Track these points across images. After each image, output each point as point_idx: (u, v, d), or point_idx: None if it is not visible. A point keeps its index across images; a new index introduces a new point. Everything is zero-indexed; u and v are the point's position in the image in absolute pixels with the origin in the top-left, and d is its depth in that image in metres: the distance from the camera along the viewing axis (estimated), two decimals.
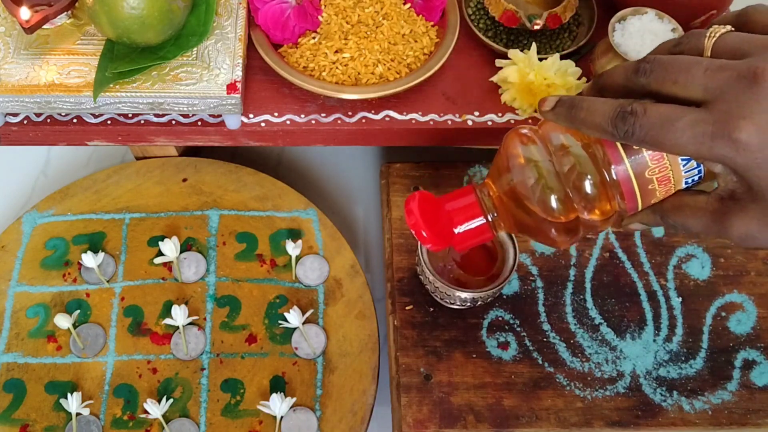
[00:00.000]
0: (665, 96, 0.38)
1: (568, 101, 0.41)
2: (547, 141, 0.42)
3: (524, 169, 0.42)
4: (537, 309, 0.61)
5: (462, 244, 0.46)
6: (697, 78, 0.37)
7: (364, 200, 0.74)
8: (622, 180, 0.40)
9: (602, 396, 0.57)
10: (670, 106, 0.37)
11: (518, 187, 0.43)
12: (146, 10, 0.53)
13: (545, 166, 0.41)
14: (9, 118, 0.60)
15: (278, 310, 0.62)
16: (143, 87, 0.56)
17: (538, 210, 0.42)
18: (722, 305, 0.61)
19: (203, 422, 0.57)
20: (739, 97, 0.35)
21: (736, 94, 0.36)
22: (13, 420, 0.57)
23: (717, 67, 0.37)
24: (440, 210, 0.45)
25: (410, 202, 0.45)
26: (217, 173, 0.68)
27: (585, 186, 0.41)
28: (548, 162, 0.42)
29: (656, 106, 0.37)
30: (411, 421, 0.56)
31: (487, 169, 0.67)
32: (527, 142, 0.43)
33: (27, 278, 0.63)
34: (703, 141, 0.36)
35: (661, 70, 0.38)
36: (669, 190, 0.41)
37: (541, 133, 0.43)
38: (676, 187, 0.41)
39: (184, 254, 0.64)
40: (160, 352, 0.60)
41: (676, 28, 0.59)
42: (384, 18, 0.62)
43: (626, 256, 0.63)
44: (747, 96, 0.35)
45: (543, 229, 0.43)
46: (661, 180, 0.40)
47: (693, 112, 0.36)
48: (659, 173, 0.40)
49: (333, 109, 0.61)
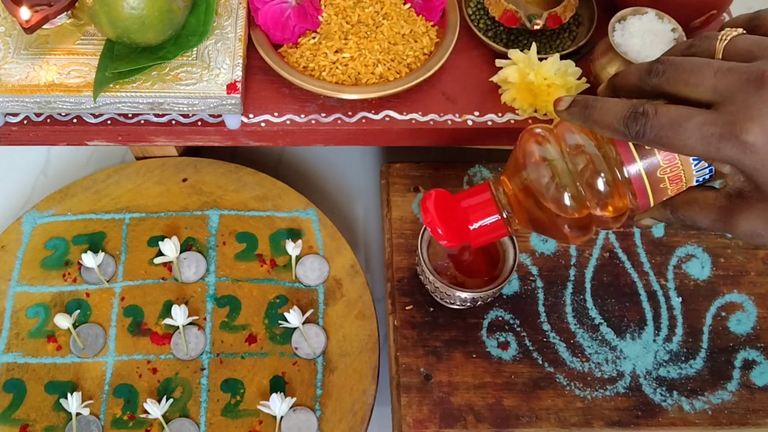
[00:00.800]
0: (676, 97, 0.39)
1: (583, 101, 0.42)
2: (562, 140, 0.43)
3: (539, 167, 0.43)
4: (537, 309, 0.61)
5: (477, 240, 0.47)
6: (707, 80, 0.37)
7: (364, 200, 0.74)
8: (635, 179, 0.41)
9: (602, 396, 0.57)
10: (680, 108, 0.38)
11: (533, 185, 0.43)
12: (146, 10, 0.53)
13: (559, 165, 0.42)
14: (9, 118, 0.60)
15: (278, 310, 0.62)
16: (143, 87, 0.56)
17: (552, 207, 0.43)
18: (722, 305, 0.61)
19: (203, 422, 0.57)
20: (747, 100, 0.36)
21: (744, 96, 0.36)
22: (13, 420, 0.57)
23: (726, 70, 0.37)
24: (456, 207, 0.46)
25: (426, 200, 0.46)
26: (217, 173, 0.68)
27: (598, 184, 0.42)
28: (562, 161, 0.43)
29: (667, 108, 0.38)
30: (411, 421, 0.56)
31: (487, 169, 0.67)
32: (542, 141, 0.44)
33: (27, 278, 0.63)
34: (711, 142, 0.36)
35: (672, 71, 0.39)
36: (680, 189, 0.42)
37: (556, 133, 0.44)
38: (687, 185, 0.42)
39: (184, 254, 0.64)
40: (160, 352, 0.60)
41: (676, 28, 0.59)
42: (384, 18, 0.62)
43: (626, 256, 0.63)
44: (755, 99, 0.36)
45: (556, 225, 0.44)
46: (672, 179, 0.41)
47: (702, 113, 0.37)
48: (671, 173, 0.41)
49: (333, 109, 0.61)
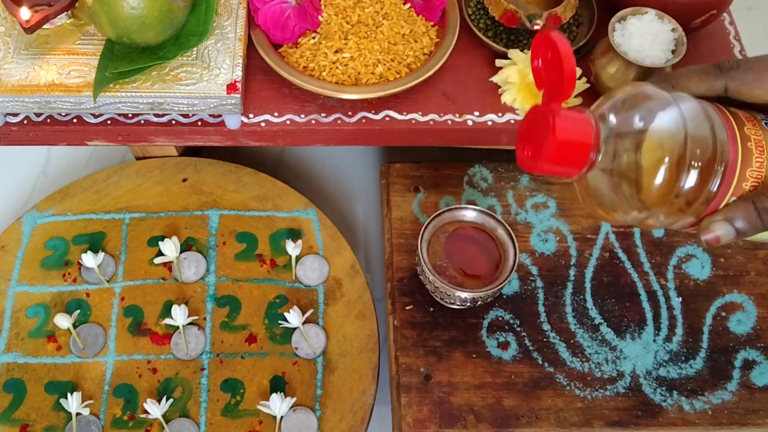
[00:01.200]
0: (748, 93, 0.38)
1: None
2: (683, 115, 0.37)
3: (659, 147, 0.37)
4: (537, 309, 0.61)
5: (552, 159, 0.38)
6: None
7: (364, 200, 0.74)
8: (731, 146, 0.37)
9: (602, 396, 0.57)
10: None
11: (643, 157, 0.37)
12: (146, 10, 0.53)
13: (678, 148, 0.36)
14: (9, 118, 0.60)
15: (278, 310, 0.62)
16: (143, 87, 0.56)
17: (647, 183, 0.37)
18: (722, 305, 0.61)
19: (203, 422, 0.57)
20: None
21: None
22: (13, 420, 0.57)
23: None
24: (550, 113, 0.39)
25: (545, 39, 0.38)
26: (217, 173, 0.68)
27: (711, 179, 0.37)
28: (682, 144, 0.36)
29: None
30: (411, 421, 0.56)
31: (487, 168, 0.67)
32: (666, 105, 0.38)
33: (27, 278, 0.63)
34: None
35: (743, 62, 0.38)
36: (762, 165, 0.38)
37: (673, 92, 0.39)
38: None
39: (184, 254, 0.64)
40: (160, 352, 0.60)
41: (676, 28, 0.59)
42: (384, 18, 0.62)
43: (626, 256, 0.63)
44: None
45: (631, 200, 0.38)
46: (758, 144, 0.38)
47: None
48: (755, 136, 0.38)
49: (333, 109, 0.61)
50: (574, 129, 0.38)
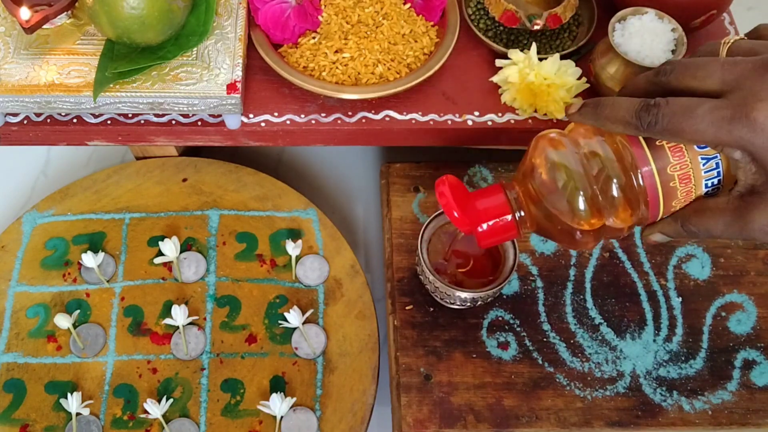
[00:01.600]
0: (685, 91, 0.40)
1: (594, 101, 0.43)
2: (576, 145, 0.44)
3: (553, 172, 0.43)
4: (537, 309, 0.61)
5: (487, 239, 0.47)
6: (715, 72, 0.39)
7: (364, 200, 0.74)
8: (646, 176, 0.42)
9: (602, 396, 0.57)
10: (691, 98, 0.39)
11: (547, 189, 0.44)
12: (146, 10, 0.53)
13: (575, 168, 0.43)
14: (9, 118, 0.60)
15: (278, 310, 0.62)
16: (143, 87, 0.56)
17: (565, 212, 0.43)
18: (722, 305, 0.61)
19: (203, 422, 0.57)
20: (755, 85, 0.37)
21: (752, 82, 0.38)
22: (13, 420, 0.57)
23: (732, 62, 0.39)
24: (468, 202, 0.47)
25: (440, 185, 0.47)
26: (217, 173, 0.68)
27: (612, 188, 0.42)
28: (578, 165, 0.43)
29: (677, 98, 0.40)
30: (411, 421, 0.56)
31: (487, 169, 0.67)
32: (557, 146, 0.44)
33: (27, 278, 0.63)
34: (721, 125, 0.38)
35: (681, 68, 0.41)
36: (689, 192, 0.42)
37: (570, 137, 0.44)
38: (696, 190, 0.42)
39: (184, 254, 0.64)
40: (160, 352, 0.60)
41: (676, 28, 0.59)
42: (384, 18, 0.62)
43: (626, 256, 0.63)
44: (762, 82, 0.37)
45: (568, 231, 0.44)
46: (682, 178, 0.42)
47: (712, 100, 0.39)
48: (680, 170, 0.42)
49: (333, 109, 0.61)
50: (494, 227, 0.46)
